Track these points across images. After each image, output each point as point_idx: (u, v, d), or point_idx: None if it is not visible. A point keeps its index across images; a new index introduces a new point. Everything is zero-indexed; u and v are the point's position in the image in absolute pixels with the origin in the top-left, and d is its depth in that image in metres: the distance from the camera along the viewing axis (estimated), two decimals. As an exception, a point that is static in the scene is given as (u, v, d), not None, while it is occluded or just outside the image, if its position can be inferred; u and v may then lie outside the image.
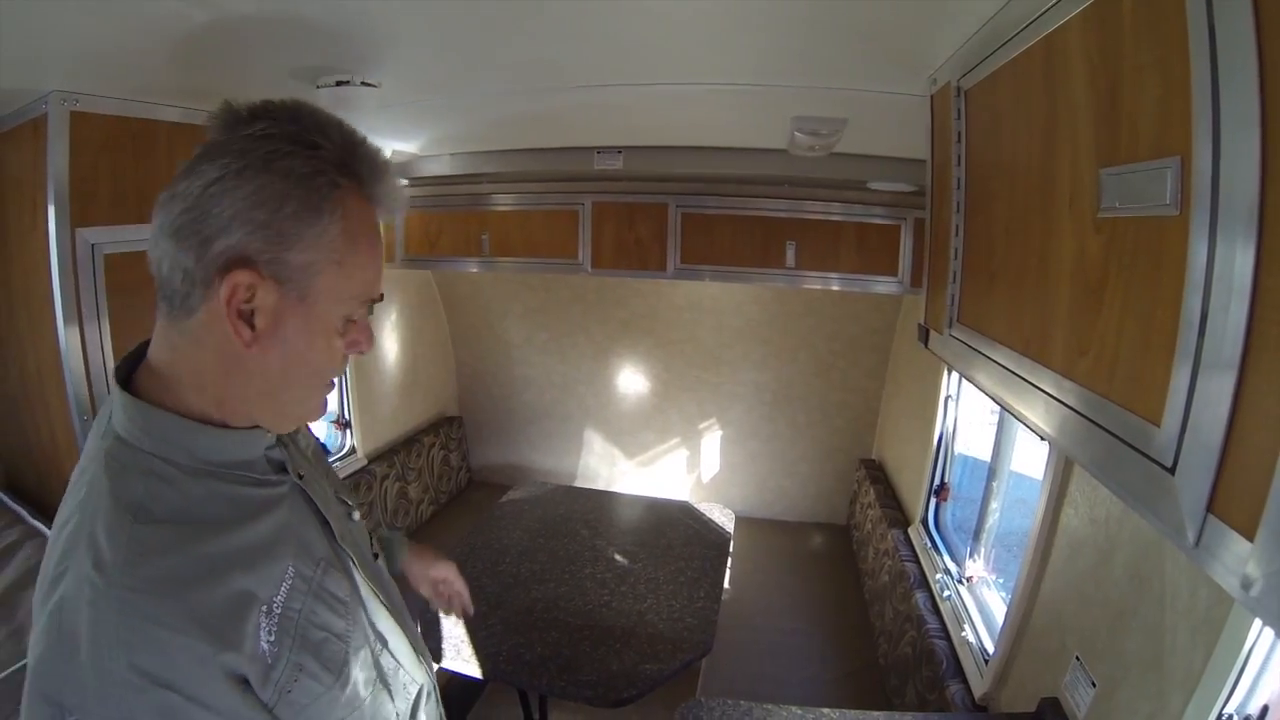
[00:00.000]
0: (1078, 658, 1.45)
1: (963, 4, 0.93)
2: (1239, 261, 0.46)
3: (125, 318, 1.53)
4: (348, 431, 3.39)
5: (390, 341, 3.59)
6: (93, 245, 1.44)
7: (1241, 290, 0.46)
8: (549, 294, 3.84)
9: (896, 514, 2.99)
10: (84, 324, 1.46)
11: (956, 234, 1.10)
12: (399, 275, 3.28)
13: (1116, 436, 0.60)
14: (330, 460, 3.23)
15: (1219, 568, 0.47)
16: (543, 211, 2.95)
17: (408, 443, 3.69)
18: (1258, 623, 0.97)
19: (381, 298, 0.75)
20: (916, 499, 2.88)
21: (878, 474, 3.44)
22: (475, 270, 3.23)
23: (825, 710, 1.60)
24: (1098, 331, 0.65)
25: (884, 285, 2.63)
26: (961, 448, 2.82)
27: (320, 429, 3.33)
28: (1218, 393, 0.48)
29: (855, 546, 3.43)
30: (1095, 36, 0.67)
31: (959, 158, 1.10)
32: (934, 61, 1.17)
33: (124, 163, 1.50)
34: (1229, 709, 1.03)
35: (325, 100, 1.35)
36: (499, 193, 3.01)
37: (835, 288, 2.72)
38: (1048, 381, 0.75)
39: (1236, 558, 0.46)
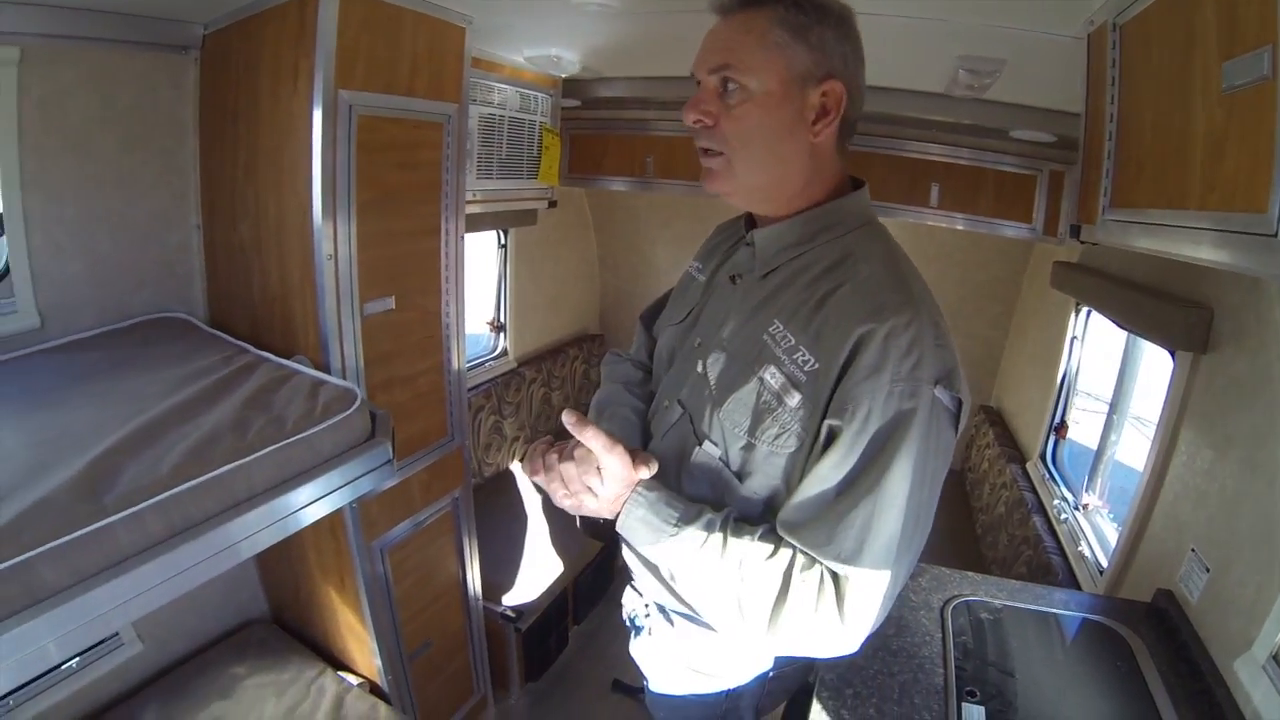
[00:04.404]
0: (1193, 549, 1.55)
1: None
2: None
3: (367, 173, 1.70)
4: (501, 334, 3.74)
5: (544, 258, 3.92)
6: (350, 106, 1.62)
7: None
8: (702, 223, 4.03)
9: (1014, 452, 3.11)
10: (336, 174, 1.62)
11: (1110, 138, 1.32)
12: (559, 194, 3.41)
13: (1240, 232, 0.86)
14: (483, 360, 3.55)
15: None
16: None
17: (553, 353, 4.03)
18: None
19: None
20: (1035, 439, 2.99)
21: (995, 419, 3.54)
22: (628, 189, 3.37)
23: (970, 573, 1.75)
24: (1223, 173, 0.91)
25: (1016, 230, 2.72)
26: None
27: (477, 330, 3.67)
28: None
29: (969, 488, 3.56)
30: None
31: (1113, 79, 1.31)
32: (1093, 4, 1.36)
33: (377, 43, 1.65)
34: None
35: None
36: (666, 119, 3.10)
37: (963, 228, 2.80)
38: (1188, 219, 1.00)
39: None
